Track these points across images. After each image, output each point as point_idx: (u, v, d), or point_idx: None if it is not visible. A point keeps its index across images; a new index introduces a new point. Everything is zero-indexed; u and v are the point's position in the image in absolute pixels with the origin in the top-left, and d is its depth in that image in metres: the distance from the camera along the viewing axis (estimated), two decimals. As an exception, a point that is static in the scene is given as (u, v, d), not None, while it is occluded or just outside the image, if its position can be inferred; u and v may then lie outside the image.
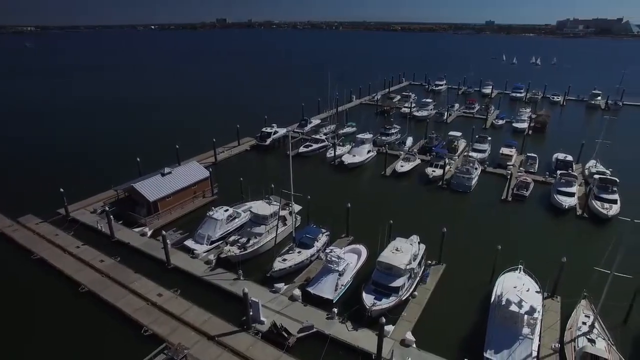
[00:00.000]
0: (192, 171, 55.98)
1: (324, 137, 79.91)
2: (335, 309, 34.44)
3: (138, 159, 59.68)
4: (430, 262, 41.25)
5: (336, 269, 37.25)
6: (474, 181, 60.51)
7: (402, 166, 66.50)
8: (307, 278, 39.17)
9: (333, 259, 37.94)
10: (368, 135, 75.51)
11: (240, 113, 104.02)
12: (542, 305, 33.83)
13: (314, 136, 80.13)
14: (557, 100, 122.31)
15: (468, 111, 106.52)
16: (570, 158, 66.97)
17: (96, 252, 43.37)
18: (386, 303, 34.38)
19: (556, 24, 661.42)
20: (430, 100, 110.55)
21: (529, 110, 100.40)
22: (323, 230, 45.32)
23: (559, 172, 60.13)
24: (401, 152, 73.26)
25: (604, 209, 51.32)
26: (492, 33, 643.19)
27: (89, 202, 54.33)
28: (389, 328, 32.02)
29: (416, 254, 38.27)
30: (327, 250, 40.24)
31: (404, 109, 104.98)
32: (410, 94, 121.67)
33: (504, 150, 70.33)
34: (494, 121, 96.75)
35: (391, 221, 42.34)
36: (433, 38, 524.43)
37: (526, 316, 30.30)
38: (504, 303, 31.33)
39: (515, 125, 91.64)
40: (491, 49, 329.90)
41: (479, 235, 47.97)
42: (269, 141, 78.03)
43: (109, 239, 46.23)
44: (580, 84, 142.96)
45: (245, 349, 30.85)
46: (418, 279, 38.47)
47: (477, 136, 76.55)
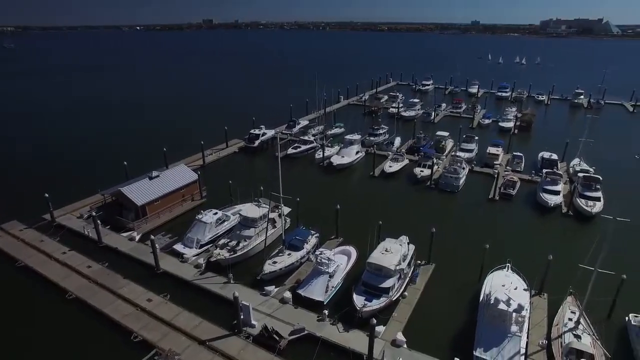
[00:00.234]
0: (180, 174, 55.53)
1: (312, 138, 79.85)
2: (326, 311, 34.55)
3: (125, 162, 58.93)
4: (419, 262, 41.59)
5: (326, 270, 37.33)
6: (461, 181, 61.11)
7: (390, 166, 66.84)
8: (297, 280, 39.19)
9: (323, 260, 37.97)
10: (356, 136, 75.51)
11: (228, 114, 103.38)
12: (530, 302, 34.47)
13: (302, 137, 80.00)
14: (542, 99, 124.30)
15: (455, 111, 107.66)
16: (555, 157, 67.95)
17: (83, 257, 42.65)
18: (377, 304, 34.57)
19: (539, 24, 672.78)
20: (417, 100, 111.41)
21: (514, 109, 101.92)
22: (312, 232, 45.35)
23: (544, 170, 61.08)
24: (389, 153, 73.62)
25: (588, 206, 52.33)
26: (477, 33, 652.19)
27: (75, 207, 53.42)
28: (379, 329, 32.24)
29: (406, 254, 38.57)
30: (317, 252, 40.21)
31: (391, 109, 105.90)
32: (398, 94, 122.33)
33: (491, 150, 71.16)
34: (480, 120, 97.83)
35: (380, 222, 42.60)
36: (420, 38, 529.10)
37: (514, 314, 30.78)
38: (492, 302, 31.79)
39: (501, 124, 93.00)
40: (477, 48, 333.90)
41: (467, 234, 48.53)
42: (257, 143, 77.90)
43: (96, 244, 45.54)
44: (564, 83, 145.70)
45: (236, 353, 30.76)
46: (408, 279, 38.71)
47: (464, 136, 77.22)
